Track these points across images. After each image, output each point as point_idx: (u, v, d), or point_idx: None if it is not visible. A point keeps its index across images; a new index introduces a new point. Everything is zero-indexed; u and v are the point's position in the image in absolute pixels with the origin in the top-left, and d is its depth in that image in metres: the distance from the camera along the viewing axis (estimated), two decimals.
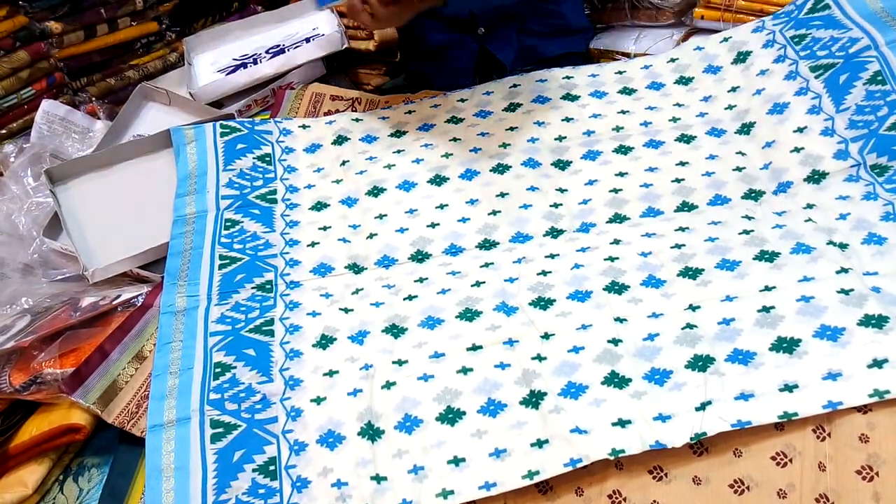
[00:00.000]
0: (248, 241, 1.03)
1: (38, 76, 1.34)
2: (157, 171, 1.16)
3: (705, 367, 0.75)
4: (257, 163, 1.15)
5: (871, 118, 0.94)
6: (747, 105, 1.07)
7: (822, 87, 1.01)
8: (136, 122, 1.20)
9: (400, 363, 0.84)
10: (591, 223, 0.98)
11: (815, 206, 0.91)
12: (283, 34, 1.44)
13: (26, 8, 1.29)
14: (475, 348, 0.83)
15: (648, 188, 1.00)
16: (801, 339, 0.74)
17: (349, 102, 1.30)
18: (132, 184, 1.16)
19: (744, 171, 1.00)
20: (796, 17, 1.12)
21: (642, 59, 1.25)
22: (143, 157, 1.19)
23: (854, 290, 0.77)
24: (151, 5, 1.46)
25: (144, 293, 0.99)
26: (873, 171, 0.91)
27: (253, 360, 0.87)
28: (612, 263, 0.89)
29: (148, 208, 1.11)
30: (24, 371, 0.90)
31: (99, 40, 1.40)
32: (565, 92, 1.18)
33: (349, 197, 1.09)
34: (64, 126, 1.27)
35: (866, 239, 0.84)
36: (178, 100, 1.29)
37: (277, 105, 1.33)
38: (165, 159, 1.18)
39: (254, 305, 0.94)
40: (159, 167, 1.17)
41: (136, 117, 1.20)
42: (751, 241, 0.87)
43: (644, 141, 1.07)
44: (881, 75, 0.96)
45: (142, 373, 0.90)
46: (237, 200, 1.09)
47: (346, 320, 0.91)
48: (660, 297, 0.84)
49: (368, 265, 0.99)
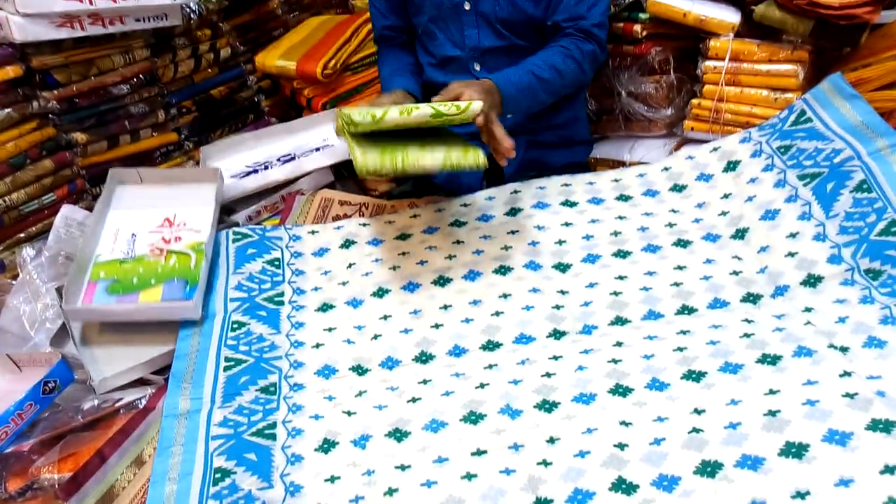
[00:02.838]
0: (254, 342, 1.04)
1: (61, 183, 1.40)
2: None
3: (714, 474, 0.73)
4: (266, 266, 1.18)
5: (860, 224, 0.98)
6: (740, 211, 1.11)
7: (810, 195, 1.05)
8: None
9: (403, 468, 0.82)
10: (594, 325, 0.99)
11: (814, 310, 0.93)
12: (294, 144, 1.52)
13: (55, 121, 1.37)
14: (480, 453, 0.82)
15: (648, 291, 1.02)
16: (809, 444, 0.73)
17: (357, 207, 1.35)
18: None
19: (741, 274, 1.02)
20: (780, 129, 1.19)
21: (637, 167, 1.31)
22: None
23: (859, 393, 0.77)
24: (173, 117, 1.56)
25: (147, 395, 0.99)
26: (868, 275, 0.93)
27: (254, 465, 0.86)
28: (616, 366, 0.90)
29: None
30: (21, 476, 0.89)
31: (121, 150, 1.48)
32: (564, 198, 1.23)
33: (354, 298, 1.11)
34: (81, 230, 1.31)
35: (867, 342, 0.85)
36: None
37: (287, 210, 1.38)
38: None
39: (257, 408, 0.94)
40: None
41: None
42: (752, 345, 0.88)
43: (642, 245, 1.10)
44: (866, 183, 1.01)
45: (140, 478, 0.89)
46: (245, 303, 1.11)
47: (348, 424, 0.90)
48: (664, 401, 0.84)
49: (372, 367, 1.00)
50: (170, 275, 1.13)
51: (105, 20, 1.34)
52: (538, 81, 1.20)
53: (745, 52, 1.29)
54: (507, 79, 1.18)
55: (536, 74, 1.20)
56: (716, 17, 1.30)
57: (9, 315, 1.16)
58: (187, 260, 1.16)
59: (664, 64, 1.40)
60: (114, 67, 1.42)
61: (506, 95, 1.14)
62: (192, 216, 1.24)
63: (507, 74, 1.19)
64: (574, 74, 1.24)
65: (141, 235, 1.20)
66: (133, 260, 1.16)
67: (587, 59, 1.24)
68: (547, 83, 1.21)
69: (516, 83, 1.18)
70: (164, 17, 1.43)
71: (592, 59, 1.26)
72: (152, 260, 1.16)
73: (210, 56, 1.61)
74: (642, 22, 1.37)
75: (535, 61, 1.22)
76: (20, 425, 0.93)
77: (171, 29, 1.49)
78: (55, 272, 1.21)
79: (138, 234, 1.20)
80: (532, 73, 1.20)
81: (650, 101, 1.43)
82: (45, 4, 1.24)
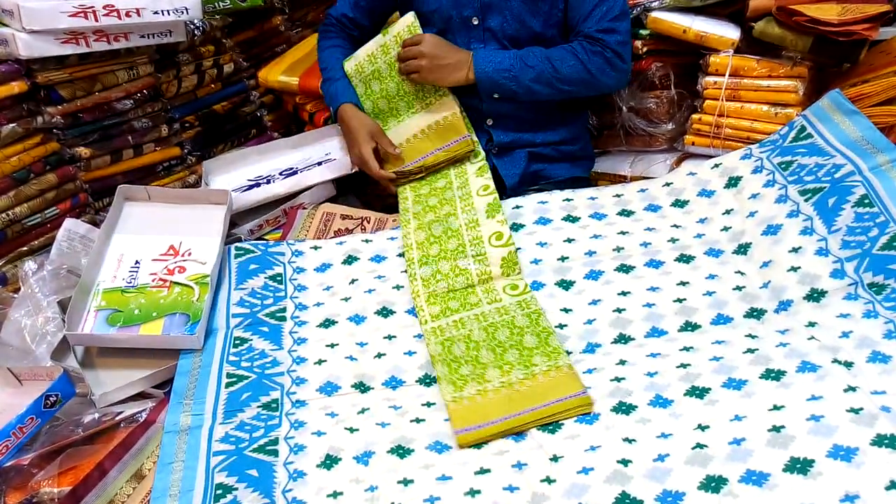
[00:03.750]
0: (256, 358, 1.03)
1: (64, 197, 1.40)
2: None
3: (718, 489, 0.73)
4: (269, 282, 1.18)
5: (862, 238, 0.98)
6: (742, 227, 1.11)
7: (812, 210, 1.06)
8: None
9: (406, 482, 0.82)
10: (597, 343, 0.99)
11: (817, 325, 0.92)
12: (296, 158, 1.52)
13: (59, 135, 1.38)
14: (483, 471, 0.81)
15: (651, 308, 1.01)
16: (814, 460, 0.73)
17: (359, 221, 1.35)
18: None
19: (744, 290, 1.02)
20: (781, 146, 1.19)
21: (638, 182, 1.31)
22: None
23: (863, 409, 0.77)
24: (176, 132, 1.56)
25: (148, 409, 0.99)
26: (871, 289, 0.93)
27: (255, 482, 0.85)
28: (619, 384, 0.89)
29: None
30: (21, 490, 0.88)
31: (124, 164, 1.48)
32: (566, 213, 1.23)
33: (357, 315, 1.11)
34: (83, 244, 1.31)
35: (871, 357, 0.84)
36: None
37: (289, 224, 1.38)
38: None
39: (258, 424, 0.93)
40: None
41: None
42: (756, 360, 0.88)
43: (645, 261, 1.10)
44: (868, 198, 1.01)
45: (140, 492, 0.88)
46: (247, 318, 1.11)
47: (351, 440, 0.90)
48: (668, 417, 0.83)
49: (375, 385, 0.99)
50: (172, 308, 1.12)
51: (110, 37, 1.35)
52: (522, 66, 1.25)
53: (746, 67, 1.30)
54: (487, 57, 1.27)
55: (522, 58, 1.26)
56: (716, 34, 1.31)
57: (10, 328, 1.16)
58: (190, 293, 1.14)
59: (665, 79, 1.41)
60: (118, 83, 1.43)
61: (478, 72, 1.26)
62: (198, 245, 1.22)
63: (490, 53, 1.28)
64: (575, 72, 1.26)
65: (145, 263, 1.19)
66: (135, 290, 1.14)
67: (594, 61, 1.25)
68: (534, 70, 1.26)
69: (495, 62, 1.27)
70: (169, 33, 1.44)
71: (603, 63, 1.26)
72: (155, 290, 1.14)
73: (213, 72, 1.62)
74: (643, 38, 1.39)
75: (530, 50, 1.28)
76: (21, 439, 0.92)
77: (175, 45, 1.50)
78: (57, 286, 1.21)
79: (142, 261, 1.19)
80: (519, 57, 1.26)
81: (651, 117, 1.43)
82: (51, 21, 1.25)
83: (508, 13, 1.29)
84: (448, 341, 1.00)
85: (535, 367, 0.94)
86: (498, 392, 0.91)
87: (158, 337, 1.08)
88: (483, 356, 0.97)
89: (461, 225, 1.18)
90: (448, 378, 0.94)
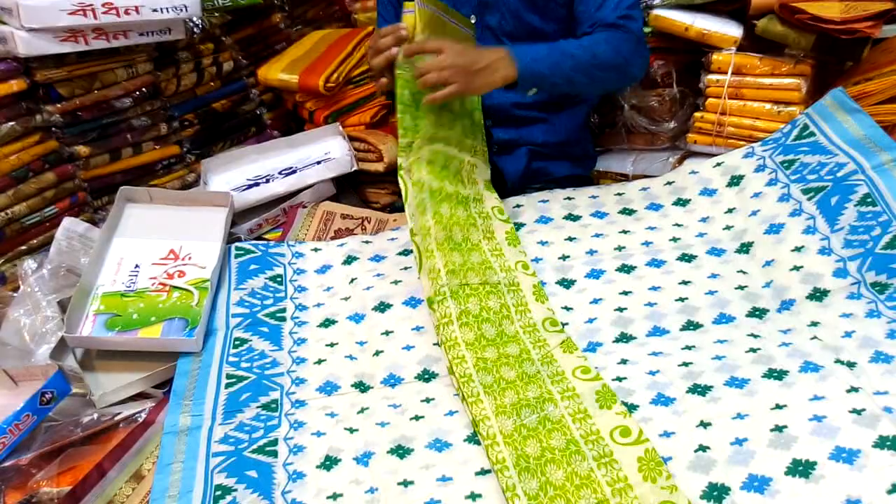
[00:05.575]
0: (256, 359, 1.03)
1: (63, 196, 1.40)
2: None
3: (721, 498, 0.72)
4: (269, 283, 1.17)
5: (865, 237, 0.97)
6: (744, 225, 1.11)
7: (814, 209, 1.05)
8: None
9: (406, 484, 0.81)
10: (598, 342, 0.98)
11: (820, 324, 0.92)
12: (296, 157, 1.52)
13: (58, 134, 1.37)
14: (484, 472, 0.81)
15: (653, 307, 1.01)
16: (816, 462, 0.72)
17: (359, 221, 1.35)
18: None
19: (746, 289, 1.01)
20: (784, 144, 1.19)
21: (640, 181, 1.31)
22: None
23: (866, 409, 0.76)
24: (175, 130, 1.56)
25: (147, 409, 0.98)
26: (874, 288, 0.93)
27: (255, 483, 0.85)
28: (620, 383, 0.89)
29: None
30: (20, 490, 0.88)
31: (123, 162, 1.47)
32: (567, 212, 1.22)
33: (356, 313, 1.10)
34: (82, 242, 1.31)
35: (873, 357, 0.84)
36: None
37: (289, 223, 1.38)
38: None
39: (258, 425, 0.93)
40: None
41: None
42: (758, 360, 0.87)
43: (646, 260, 1.09)
44: (870, 197, 1.00)
45: (139, 493, 0.88)
46: (247, 319, 1.10)
47: (350, 440, 0.89)
48: (670, 415, 0.83)
49: (374, 384, 0.99)
50: (170, 313, 1.11)
51: (109, 35, 1.34)
52: (561, 55, 1.14)
53: (748, 65, 1.30)
54: (525, 50, 1.13)
55: (559, 48, 1.15)
56: (718, 31, 1.30)
57: (9, 328, 1.15)
58: (189, 298, 1.14)
59: (667, 77, 1.40)
60: (117, 81, 1.42)
61: (521, 67, 1.10)
62: (198, 250, 1.22)
63: (525, 46, 1.15)
64: (610, 58, 1.16)
65: (144, 267, 1.18)
66: (134, 294, 1.14)
67: (625, 47, 1.17)
68: (573, 59, 1.14)
69: (532, 53, 1.13)
70: (168, 31, 1.43)
71: (633, 48, 1.19)
72: (154, 295, 1.14)
73: (212, 69, 1.62)
74: (645, 35, 1.38)
75: (561, 41, 1.18)
76: (17, 436, 0.92)
77: (174, 43, 1.50)
78: (56, 285, 1.21)
79: (142, 265, 1.19)
80: (556, 47, 1.15)
81: (653, 115, 1.43)
82: (50, 19, 1.25)
83: (505, 9, 1.27)
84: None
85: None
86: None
87: (157, 340, 1.07)
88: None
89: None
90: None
